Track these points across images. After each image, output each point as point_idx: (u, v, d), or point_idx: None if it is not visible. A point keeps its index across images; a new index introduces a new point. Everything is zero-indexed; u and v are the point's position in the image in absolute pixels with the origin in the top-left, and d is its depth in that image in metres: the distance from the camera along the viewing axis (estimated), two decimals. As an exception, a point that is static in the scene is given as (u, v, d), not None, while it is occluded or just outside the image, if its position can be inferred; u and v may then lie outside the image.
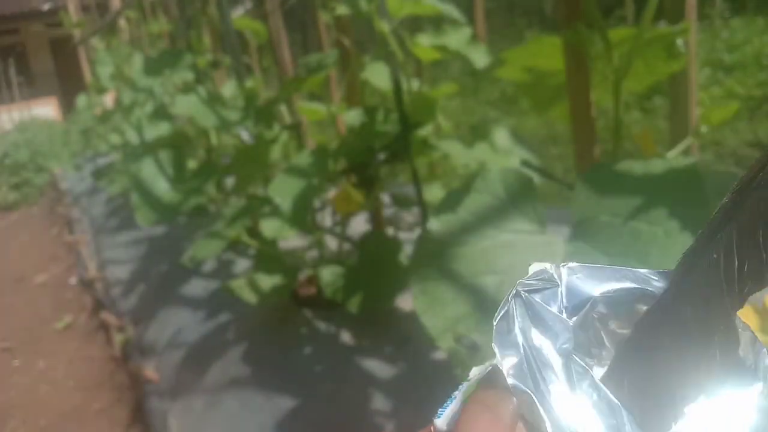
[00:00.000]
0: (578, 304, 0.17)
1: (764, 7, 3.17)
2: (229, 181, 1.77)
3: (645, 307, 0.16)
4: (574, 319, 0.17)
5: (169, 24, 2.39)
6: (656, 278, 0.17)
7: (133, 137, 1.88)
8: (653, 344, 0.16)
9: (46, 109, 7.97)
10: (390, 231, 1.34)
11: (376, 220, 1.28)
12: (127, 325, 1.68)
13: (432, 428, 0.18)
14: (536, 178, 0.65)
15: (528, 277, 0.17)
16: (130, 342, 1.60)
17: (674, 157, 0.64)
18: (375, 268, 1.12)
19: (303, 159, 1.12)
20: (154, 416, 1.24)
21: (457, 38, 1.19)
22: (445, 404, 0.18)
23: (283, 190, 1.07)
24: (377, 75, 1.19)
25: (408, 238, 1.34)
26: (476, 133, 1.08)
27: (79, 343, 1.89)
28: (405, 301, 1.15)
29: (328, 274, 1.13)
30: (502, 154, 1.06)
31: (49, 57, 9.73)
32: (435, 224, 0.59)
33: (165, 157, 1.50)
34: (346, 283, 1.11)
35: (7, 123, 7.15)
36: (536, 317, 0.16)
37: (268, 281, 1.21)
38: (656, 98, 2.59)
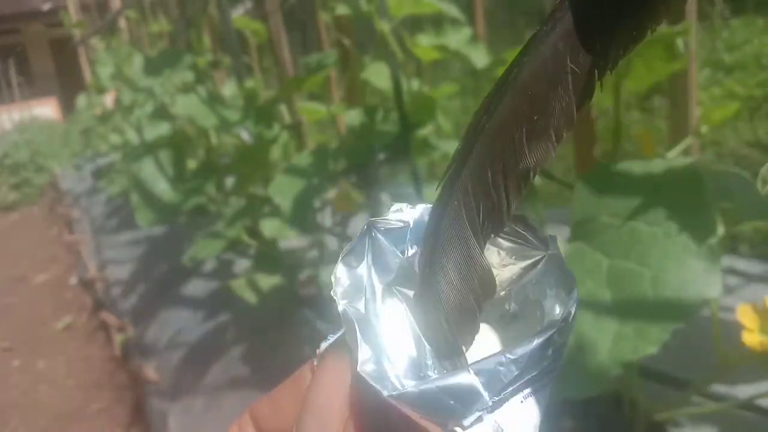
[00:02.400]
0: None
1: (764, 8, 3.17)
2: (229, 181, 1.77)
3: None
4: (414, 252, 0.18)
5: (169, 24, 2.39)
6: None
7: (133, 137, 1.88)
8: (432, 288, 0.16)
9: (46, 109, 7.96)
10: (390, 231, 1.33)
11: (376, 220, 1.28)
12: (127, 325, 1.68)
13: (317, 351, 0.19)
14: (536, 178, 0.65)
15: (384, 215, 0.18)
16: (130, 342, 1.60)
17: (674, 157, 0.64)
18: (375, 268, 1.12)
19: (303, 159, 1.12)
20: (154, 416, 1.24)
21: (457, 38, 1.19)
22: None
23: (283, 190, 1.07)
24: (377, 75, 1.19)
25: (408, 238, 1.34)
26: (476, 133, 1.08)
27: (79, 343, 1.89)
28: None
29: (328, 274, 1.13)
30: (502, 154, 1.06)
31: (49, 57, 9.72)
32: (435, 224, 0.58)
33: (165, 157, 1.50)
34: (346, 283, 1.11)
35: (7, 123, 7.15)
36: (378, 254, 0.17)
37: (268, 281, 1.21)
38: (656, 98, 2.58)
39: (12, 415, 1.56)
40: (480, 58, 1.18)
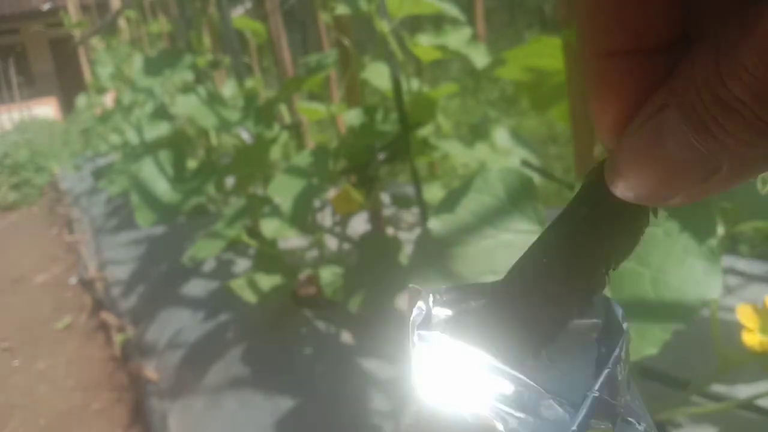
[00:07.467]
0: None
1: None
2: (229, 181, 1.77)
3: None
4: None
5: (169, 24, 2.39)
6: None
7: (133, 137, 1.88)
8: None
9: (46, 109, 7.97)
10: (390, 231, 1.34)
11: (376, 220, 1.28)
12: (127, 325, 1.68)
13: None
14: (536, 178, 0.65)
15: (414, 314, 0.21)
16: (130, 342, 1.60)
17: (674, 157, 0.63)
18: (375, 268, 1.12)
19: (303, 159, 1.12)
20: (154, 416, 1.24)
21: (457, 38, 1.19)
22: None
23: (283, 190, 1.07)
24: (377, 75, 1.19)
25: (408, 238, 1.34)
26: (476, 133, 1.08)
27: (79, 343, 1.89)
28: (405, 301, 1.15)
29: (328, 274, 1.13)
30: (502, 153, 1.06)
31: (49, 57, 9.73)
32: (435, 224, 0.58)
33: (165, 157, 1.50)
34: (346, 283, 1.11)
35: (7, 123, 7.15)
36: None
37: (268, 281, 1.21)
38: (656, 98, 2.57)
39: (12, 415, 1.56)
40: (480, 58, 1.18)
